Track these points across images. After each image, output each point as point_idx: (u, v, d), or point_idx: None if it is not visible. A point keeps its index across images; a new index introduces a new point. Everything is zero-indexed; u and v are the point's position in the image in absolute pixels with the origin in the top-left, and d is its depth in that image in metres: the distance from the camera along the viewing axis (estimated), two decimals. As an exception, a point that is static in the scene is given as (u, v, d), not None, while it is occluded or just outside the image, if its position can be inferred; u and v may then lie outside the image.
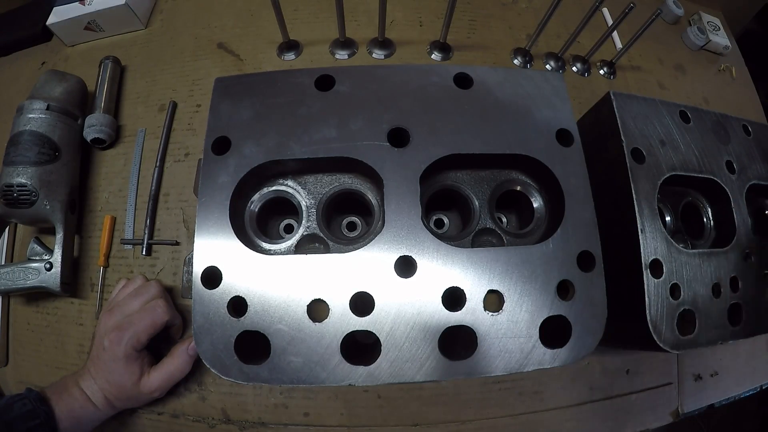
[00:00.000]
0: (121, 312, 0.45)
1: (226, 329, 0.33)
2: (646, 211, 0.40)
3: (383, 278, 0.34)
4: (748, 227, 0.45)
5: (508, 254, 0.35)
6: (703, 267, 0.41)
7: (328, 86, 0.39)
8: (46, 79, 0.56)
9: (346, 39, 0.64)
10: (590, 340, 0.34)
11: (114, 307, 0.46)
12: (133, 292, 0.47)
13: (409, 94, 0.39)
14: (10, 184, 0.49)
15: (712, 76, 0.80)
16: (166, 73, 0.64)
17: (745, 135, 0.48)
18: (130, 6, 0.64)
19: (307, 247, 0.40)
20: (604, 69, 0.70)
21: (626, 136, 0.41)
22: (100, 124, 0.56)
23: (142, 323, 0.44)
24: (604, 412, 0.53)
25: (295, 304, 0.33)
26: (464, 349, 0.34)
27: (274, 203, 0.41)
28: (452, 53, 0.67)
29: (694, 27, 0.80)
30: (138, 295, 0.47)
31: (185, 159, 0.58)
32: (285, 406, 0.49)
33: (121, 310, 0.45)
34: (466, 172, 0.42)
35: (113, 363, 0.43)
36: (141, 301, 0.46)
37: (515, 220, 0.46)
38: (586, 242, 0.36)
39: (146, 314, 0.44)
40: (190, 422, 0.49)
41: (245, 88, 0.39)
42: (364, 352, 0.35)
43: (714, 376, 0.58)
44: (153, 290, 0.47)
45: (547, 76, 0.41)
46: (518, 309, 0.34)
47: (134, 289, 0.48)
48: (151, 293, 0.47)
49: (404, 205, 0.36)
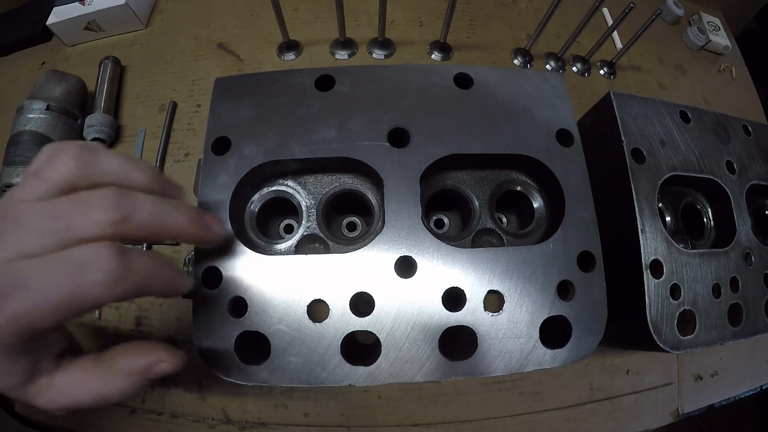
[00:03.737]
0: (15, 240, 0.22)
1: (226, 330, 0.33)
2: (646, 211, 0.40)
3: (383, 278, 0.34)
4: (748, 227, 0.45)
5: (508, 254, 0.35)
6: (703, 267, 0.41)
7: (328, 86, 0.39)
8: (46, 79, 0.56)
9: (346, 39, 0.64)
10: (590, 341, 0.34)
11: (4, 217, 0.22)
12: (71, 200, 0.23)
13: (409, 94, 0.39)
14: (10, 185, 0.49)
15: (712, 76, 0.80)
16: (166, 73, 0.64)
17: (746, 135, 0.48)
18: (130, 6, 0.64)
19: (307, 247, 0.40)
20: (604, 69, 0.70)
21: (626, 136, 0.41)
22: (100, 124, 0.56)
23: (48, 291, 0.21)
24: (604, 412, 0.53)
25: (295, 305, 0.33)
26: (464, 350, 0.34)
27: (274, 203, 0.41)
28: (452, 53, 0.67)
29: (694, 27, 0.80)
30: (75, 207, 0.23)
31: (185, 159, 0.58)
32: (285, 406, 0.49)
33: (17, 237, 0.22)
34: (466, 173, 0.42)
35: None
36: (70, 232, 0.22)
37: (515, 220, 0.46)
38: (586, 242, 0.36)
39: (65, 271, 0.21)
40: (190, 422, 0.49)
41: (245, 88, 0.39)
42: (364, 353, 0.34)
43: (714, 376, 0.58)
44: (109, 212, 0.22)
45: (547, 76, 0.41)
46: (518, 309, 0.34)
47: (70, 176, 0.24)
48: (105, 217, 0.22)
49: (404, 206, 0.36)
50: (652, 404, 0.55)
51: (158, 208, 0.25)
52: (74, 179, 0.24)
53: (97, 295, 0.22)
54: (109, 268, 0.22)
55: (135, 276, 0.23)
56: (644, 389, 0.55)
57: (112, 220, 0.23)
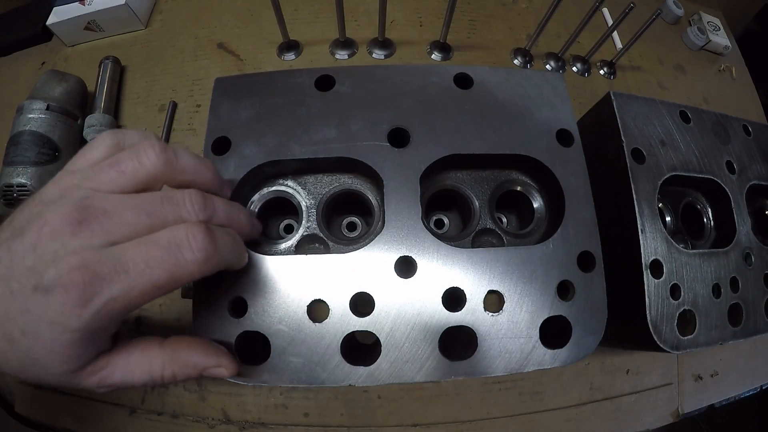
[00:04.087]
0: (104, 230, 0.22)
1: (226, 330, 0.33)
2: (646, 211, 0.40)
3: (383, 278, 0.34)
4: (748, 227, 0.45)
5: (508, 254, 0.35)
6: (703, 267, 0.41)
7: (328, 86, 0.39)
8: (46, 79, 0.56)
9: (346, 39, 0.64)
10: (590, 341, 0.34)
11: (89, 207, 0.22)
12: (161, 198, 0.24)
13: (409, 94, 0.39)
14: (10, 184, 0.49)
15: (712, 76, 0.80)
16: (166, 73, 0.64)
17: (746, 135, 0.48)
18: (130, 6, 0.64)
19: (307, 247, 0.40)
20: (604, 69, 0.70)
21: (626, 136, 0.41)
22: (100, 124, 0.56)
23: (150, 273, 0.22)
24: (604, 412, 0.53)
25: (295, 305, 0.33)
26: (464, 350, 0.34)
27: (274, 203, 0.41)
28: (452, 53, 0.67)
29: (694, 27, 0.80)
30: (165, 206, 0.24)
31: (185, 159, 0.58)
32: (285, 406, 0.49)
33: (106, 227, 0.22)
34: (466, 173, 0.42)
35: (51, 333, 0.21)
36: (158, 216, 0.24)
37: (515, 220, 0.46)
38: (586, 242, 0.36)
39: (163, 252, 0.22)
40: (190, 422, 0.49)
41: (245, 88, 0.39)
42: (364, 353, 0.34)
43: (714, 376, 0.58)
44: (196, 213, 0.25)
45: (547, 76, 0.41)
46: (518, 309, 0.34)
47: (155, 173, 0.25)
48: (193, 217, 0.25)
49: (404, 206, 0.36)
50: (652, 404, 0.55)
51: (230, 210, 0.28)
52: (157, 176, 0.26)
53: (192, 272, 0.23)
54: (204, 246, 0.24)
55: (222, 252, 0.25)
56: (644, 389, 0.55)
57: (198, 219, 0.25)
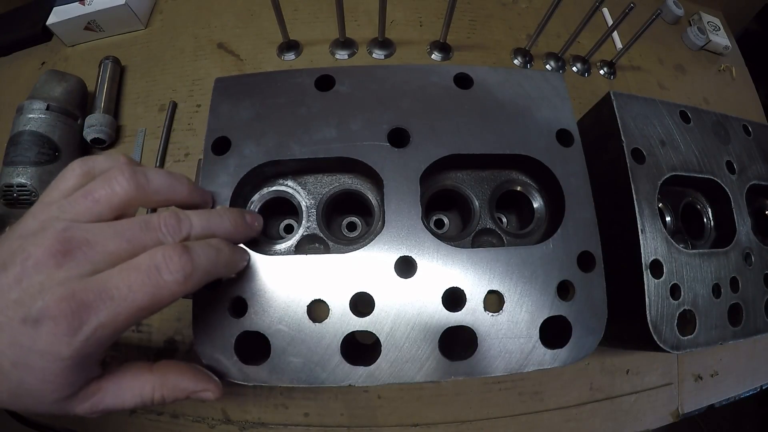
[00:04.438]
0: (87, 260, 0.23)
1: (226, 330, 0.33)
2: (646, 211, 0.40)
3: (383, 278, 0.34)
4: (748, 227, 0.45)
5: (508, 254, 0.35)
6: (703, 267, 0.41)
7: (328, 86, 0.39)
8: (45, 79, 0.56)
9: (346, 39, 0.64)
10: (590, 341, 0.34)
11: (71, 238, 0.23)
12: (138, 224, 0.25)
13: (409, 94, 0.39)
14: (9, 185, 0.49)
15: (712, 76, 0.80)
16: (166, 73, 0.64)
17: (746, 135, 0.48)
18: (130, 6, 0.64)
19: (307, 247, 0.40)
20: (604, 69, 0.70)
21: (626, 136, 0.41)
22: (100, 124, 0.56)
23: (132, 297, 0.22)
24: (604, 412, 0.53)
25: (295, 305, 0.33)
26: (464, 350, 0.34)
27: (274, 203, 0.41)
28: (452, 53, 0.67)
29: (694, 27, 0.80)
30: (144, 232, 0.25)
31: (185, 159, 0.58)
32: (285, 406, 0.49)
33: (88, 257, 0.23)
34: (466, 173, 0.42)
35: (42, 363, 0.22)
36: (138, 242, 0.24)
37: (515, 220, 0.46)
38: (586, 242, 0.36)
39: (143, 276, 0.23)
40: (190, 422, 0.49)
41: (245, 88, 0.39)
42: (364, 353, 0.34)
43: (714, 376, 0.58)
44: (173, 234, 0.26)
45: (547, 76, 0.41)
46: (518, 309, 0.34)
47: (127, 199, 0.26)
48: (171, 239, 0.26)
49: (404, 206, 0.36)
50: (652, 404, 0.55)
51: (209, 220, 0.29)
52: (130, 201, 0.26)
53: (174, 291, 0.24)
54: (181, 266, 0.24)
55: (203, 267, 0.26)
56: (644, 389, 0.55)
57: (176, 239, 0.26)
